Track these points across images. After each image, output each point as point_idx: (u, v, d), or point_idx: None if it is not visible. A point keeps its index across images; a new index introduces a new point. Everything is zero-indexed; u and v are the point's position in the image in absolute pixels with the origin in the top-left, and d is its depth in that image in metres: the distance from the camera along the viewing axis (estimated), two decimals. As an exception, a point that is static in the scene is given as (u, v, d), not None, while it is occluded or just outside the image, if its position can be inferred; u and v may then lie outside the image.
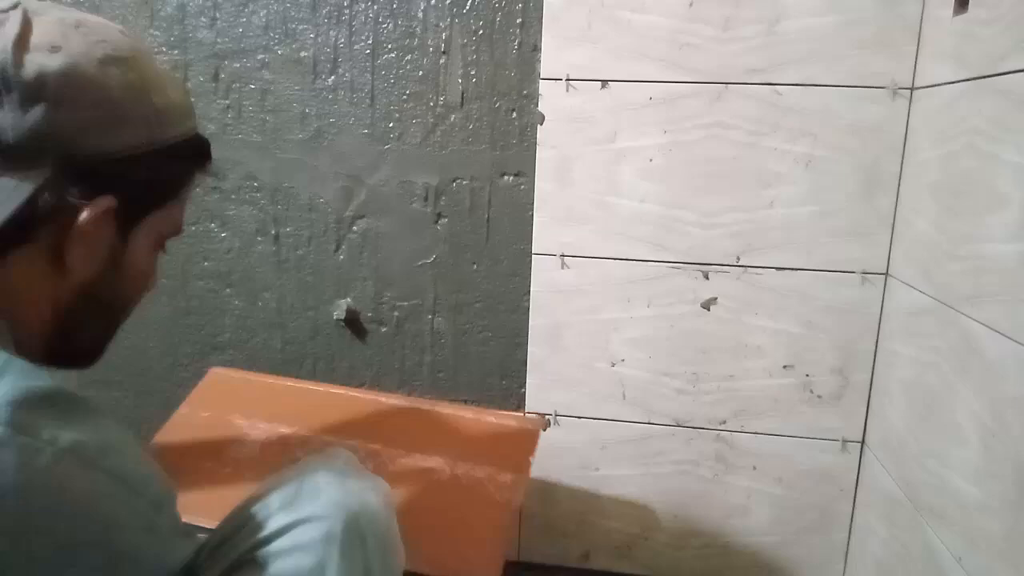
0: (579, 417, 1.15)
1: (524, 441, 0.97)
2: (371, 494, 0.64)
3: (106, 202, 0.51)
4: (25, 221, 0.48)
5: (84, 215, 0.50)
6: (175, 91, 0.57)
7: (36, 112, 0.47)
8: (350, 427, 0.98)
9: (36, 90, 0.47)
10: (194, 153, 0.59)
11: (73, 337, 0.56)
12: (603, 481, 1.17)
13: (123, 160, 0.52)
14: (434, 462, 0.94)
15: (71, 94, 0.49)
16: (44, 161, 0.48)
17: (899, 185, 1.01)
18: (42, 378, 0.44)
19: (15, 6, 0.50)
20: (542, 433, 0.99)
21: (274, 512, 0.59)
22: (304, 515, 0.58)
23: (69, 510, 0.43)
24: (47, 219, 0.49)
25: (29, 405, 0.42)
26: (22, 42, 0.48)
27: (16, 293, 0.50)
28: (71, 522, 0.43)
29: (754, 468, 1.12)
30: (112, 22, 0.55)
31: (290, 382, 1.12)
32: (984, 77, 0.79)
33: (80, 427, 0.44)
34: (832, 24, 0.99)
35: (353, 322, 1.20)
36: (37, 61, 0.47)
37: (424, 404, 1.05)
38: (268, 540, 0.58)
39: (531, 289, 1.13)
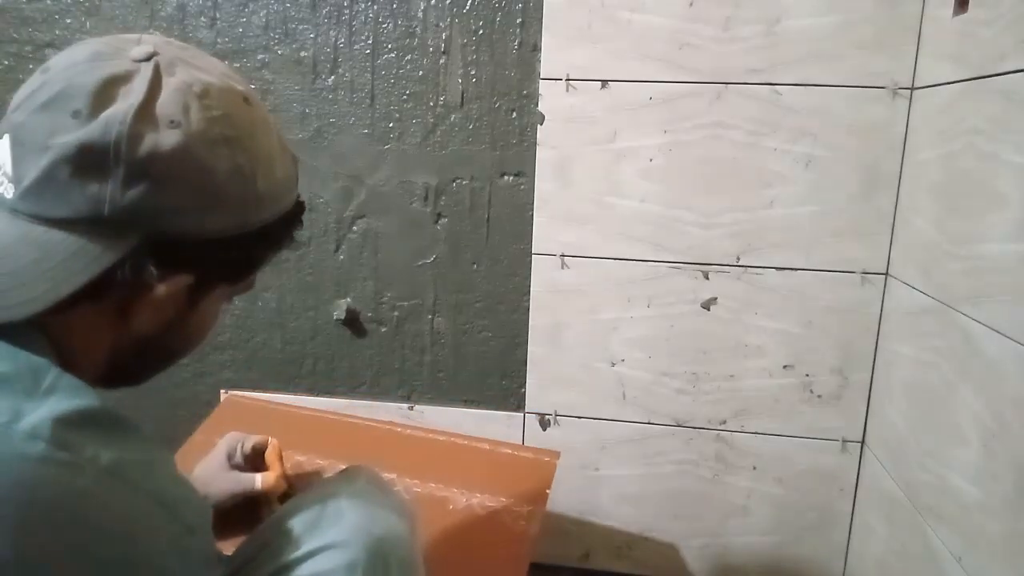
0: (579, 417, 1.15)
1: (540, 472, 0.96)
2: (395, 517, 0.63)
3: (184, 280, 0.51)
4: (101, 286, 0.47)
5: (160, 289, 0.50)
6: (283, 168, 0.55)
7: (138, 190, 0.46)
8: (365, 455, 0.96)
9: (144, 168, 0.46)
10: (287, 224, 0.57)
11: (125, 375, 0.57)
12: (603, 481, 1.16)
13: (211, 242, 0.51)
14: (449, 492, 0.93)
15: (176, 176, 0.47)
16: (133, 235, 0.48)
17: (899, 185, 1.01)
18: (89, 396, 0.44)
19: (149, 58, 0.48)
20: (543, 432, 0.98)
21: (296, 536, 0.58)
22: (327, 541, 0.57)
23: (106, 529, 0.43)
24: (122, 285, 0.48)
25: (73, 423, 0.42)
26: (144, 113, 0.46)
27: (75, 336, 0.50)
28: (107, 541, 0.43)
29: (754, 468, 1.12)
30: (238, 78, 0.53)
31: (306, 410, 1.12)
32: (984, 77, 0.79)
33: (122, 446, 0.44)
34: (832, 24, 0.99)
35: (353, 322, 1.20)
36: (153, 139, 0.46)
37: (440, 435, 1.05)
38: (289, 567, 0.56)
39: (531, 289, 1.13)
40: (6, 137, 0.46)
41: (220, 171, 0.49)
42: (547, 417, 1.16)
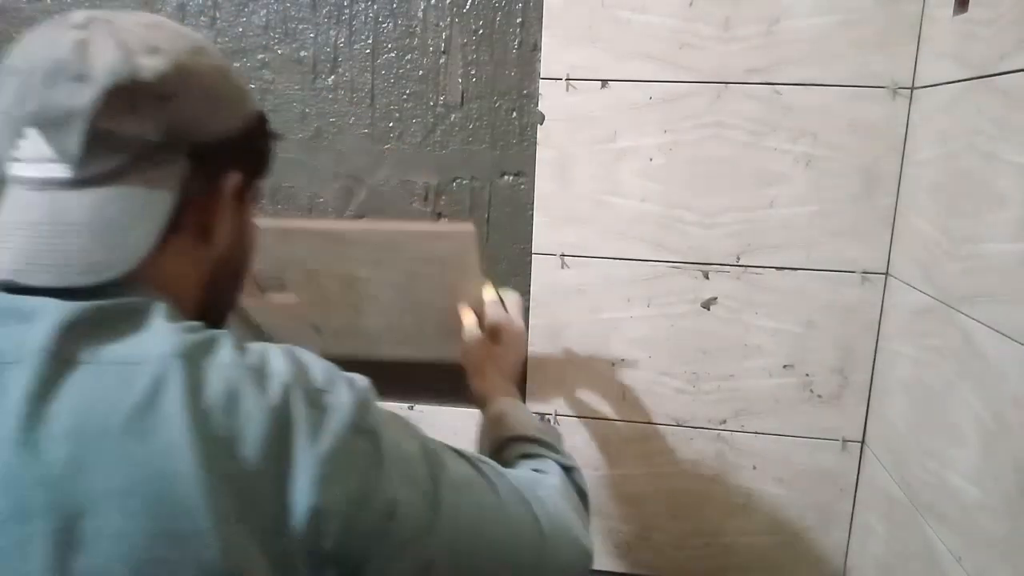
0: (579, 417, 1.15)
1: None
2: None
3: (236, 178, 0.58)
4: (178, 212, 0.53)
5: (224, 194, 0.57)
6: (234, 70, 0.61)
7: (165, 112, 0.51)
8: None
9: (160, 91, 0.51)
10: (265, 117, 0.63)
11: (218, 304, 0.63)
12: (603, 481, 1.17)
13: (234, 139, 0.57)
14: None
15: (184, 87, 0.52)
16: (180, 154, 0.53)
17: (899, 185, 1.01)
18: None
19: (90, 21, 0.52)
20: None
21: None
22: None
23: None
24: (192, 204, 0.54)
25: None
26: (130, 51, 0.50)
27: (173, 279, 0.55)
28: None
29: (754, 468, 1.12)
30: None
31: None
32: (984, 76, 0.79)
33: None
34: (832, 24, 0.99)
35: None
36: (149, 65, 0.51)
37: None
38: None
39: (531, 289, 1.13)
40: (30, 130, 0.49)
41: (207, 75, 0.55)
42: (547, 417, 1.16)
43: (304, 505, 0.46)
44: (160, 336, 0.48)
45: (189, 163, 0.53)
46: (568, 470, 0.73)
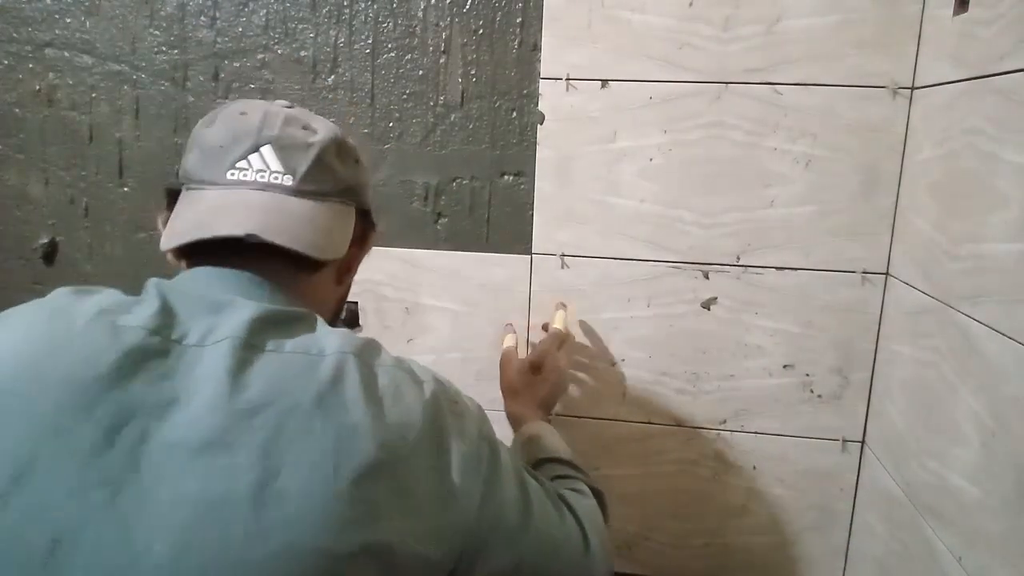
0: (579, 417, 1.15)
1: None
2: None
3: (375, 237, 0.75)
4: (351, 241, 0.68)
5: (368, 244, 0.74)
6: None
7: (356, 169, 0.70)
8: None
9: (355, 154, 0.71)
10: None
11: None
12: (603, 481, 1.16)
13: (369, 211, 0.74)
14: None
15: (360, 160, 0.72)
16: (354, 204, 0.70)
17: (899, 185, 1.01)
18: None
19: (292, 105, 0.69)
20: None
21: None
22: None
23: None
24: (354, 243, 0.69)
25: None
26: (335, 127, 0.69)
27: (318, 303, 0.67)
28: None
29: (754, 468, 1.12)
30: None
31: None
32: (984, 77, 0.79)
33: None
34: (832, 24, 0.99)
35: (353, 322, 1.20)
36: (349, 140, 0.70)
37: None
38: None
39: (531, 289, 1.13)
40: (267, 147, 0.63)
41: (367, 162, 0.74)
42: (547, 417, 1.16)
43: (458, 486, 0.57)
44: (332, 336, 0.59)
45: (358, 213, 0.70)
46: (598, 494, 0.83)
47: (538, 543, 0.65)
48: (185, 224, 0.61)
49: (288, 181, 0.63)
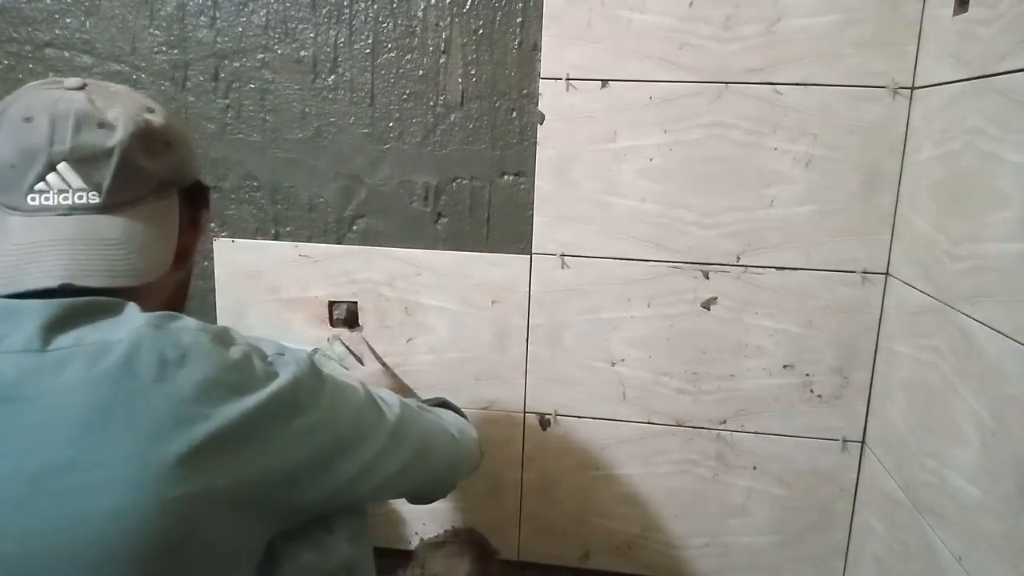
0: (579, 417, 1.15)
1: None
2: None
3: (208, 215, 0.73)
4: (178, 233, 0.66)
5: (203, 224, 0.72)
6: None
7: (169, 154, 0.65)
8: None
9: (165, 137, 0.64)
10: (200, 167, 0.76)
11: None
12: (603, 481, 1.17)
13: (199, 182, 0.71)
14: None
15: (176, 138, 0.66)
16: (175, 189, 0.66)
17: (899, 185, 1.01)
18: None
19: (85, 84, 0.63)
20: (543, 432, 1.00)
21: None
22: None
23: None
24: (185, 229, 0.67)
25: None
26: (134, 108, 0.63)
27: (154, 293, 0.65)
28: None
29: (754, 468, 1.12)
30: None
31: None
32: (984, 76, 0.79)
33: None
34: (832, 23, 0.99)
35: (353, 322, 1.20)
36: (154, 120, 0.64)
37: None
38: None
39: (531, 289, 1.13)
40: (63, 165, 0.59)
41: (183, 129, 0.69)
42: (547, 417, 1.16)
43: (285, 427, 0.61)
44: (137, 317, 0.57)
45: (183, 196, 0.67)
46: (444, 403, 0.92)
47: (405, 434, 0.72)
48: None
49: (94, 198, 0.59)
